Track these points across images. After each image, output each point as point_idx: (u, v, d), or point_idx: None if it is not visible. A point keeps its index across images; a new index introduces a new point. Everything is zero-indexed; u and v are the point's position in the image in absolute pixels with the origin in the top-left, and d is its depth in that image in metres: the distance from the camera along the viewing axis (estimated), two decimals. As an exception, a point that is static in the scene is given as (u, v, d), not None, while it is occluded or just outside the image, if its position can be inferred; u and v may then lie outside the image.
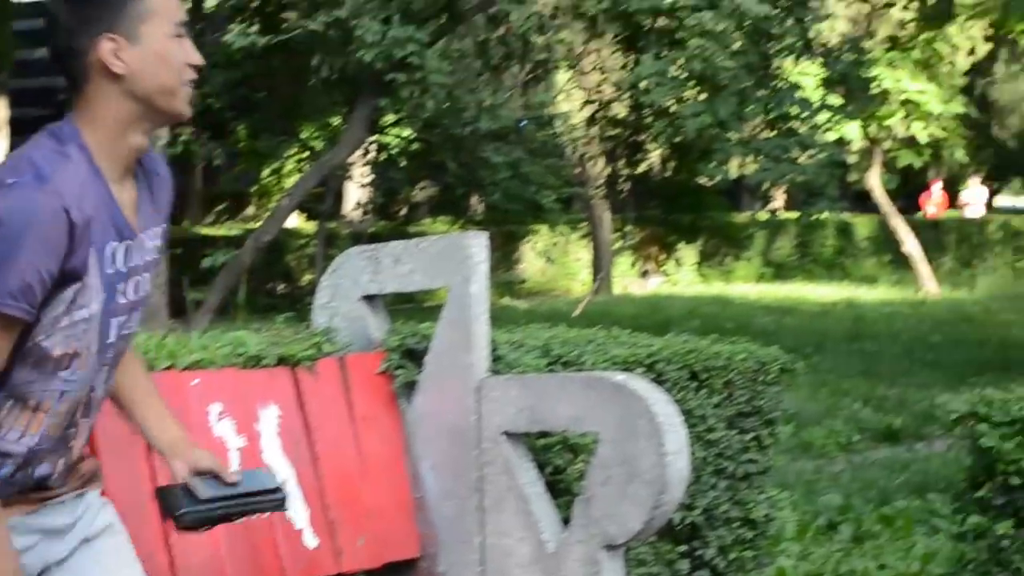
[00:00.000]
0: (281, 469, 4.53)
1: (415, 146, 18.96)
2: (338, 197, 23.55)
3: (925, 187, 35.95)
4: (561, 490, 4.87)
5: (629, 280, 29.66)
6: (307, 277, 22.39)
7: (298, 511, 4.49)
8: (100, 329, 2.95)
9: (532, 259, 28.58)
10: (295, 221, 23.46)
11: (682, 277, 31.20)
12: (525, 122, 16.49)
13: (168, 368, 4.36)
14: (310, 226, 23.28)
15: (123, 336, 3.04)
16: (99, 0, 2.91)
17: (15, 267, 2.72)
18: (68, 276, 2.82)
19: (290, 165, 26.28)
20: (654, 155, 20.62)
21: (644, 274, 30.82)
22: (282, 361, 4.68)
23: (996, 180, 53.62)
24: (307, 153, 20.77)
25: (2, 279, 2.72)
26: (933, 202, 36.25)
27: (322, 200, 19.00)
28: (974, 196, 39.29)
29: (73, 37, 2.90)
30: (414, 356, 4.98)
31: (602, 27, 15.28)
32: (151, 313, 14.00)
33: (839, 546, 7.56)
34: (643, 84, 14.52)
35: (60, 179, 2.79)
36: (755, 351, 5.40)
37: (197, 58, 3.00)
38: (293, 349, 4.73)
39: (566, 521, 4.56)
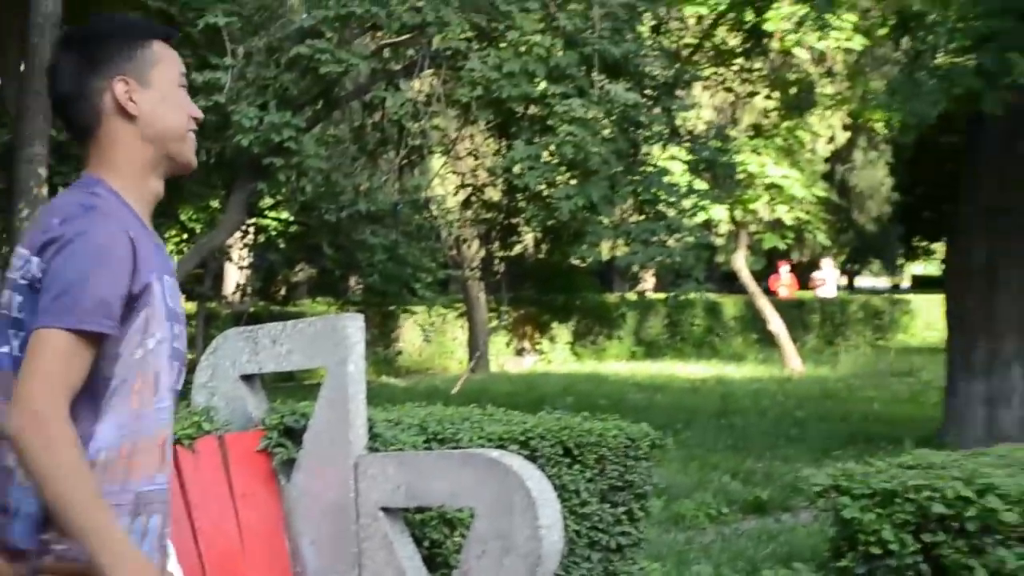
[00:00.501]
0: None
1: (293, 228, 18.92)
2: (218, 278, 23.42)
3: (774, 270, 36.49)
4: (439, 563, 4.87)
5: (505, 358, 29.70)
6: (189, 356, 22.17)
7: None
8: (168, 363, 2.92)
9: (410, 338, 28.52)
10: (176, 300, 23.26)
11: (556, 355, 31.29)
12: (401, 205, 16.48)
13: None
14: (190, 306, 23.02)
15: (175, 389, 3.00)
16: (114, 45, 2.93)
17: (90, 287, 2.70)
18: (137, 298, 2.81)
19: (170, 247, 26.11)
20: (528, 238, 20.69)
21: (520, 352, 30.87)
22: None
23: (856, 262, 54.51)
24: (186, 235, 20.60)
25: (79, 300, 2.69)
26: (782, 283, 36.77)
27: (202, 281, 18.86)
28: (826, 276, 40.15)
29: (83, 81, 2.91)
30: (293, 434, 4.97)
31: (475, 114, 15.33)
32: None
33: (710, 616, 7.59)
34: (516, 169, 14.58)
35: (109, 208, 2.81)
36: (626, 428, 5.44)
37: (197, 111, 3.04)
38: (173, 428, 4.69)
39: (443, 594, 4.55)
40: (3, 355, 2.85)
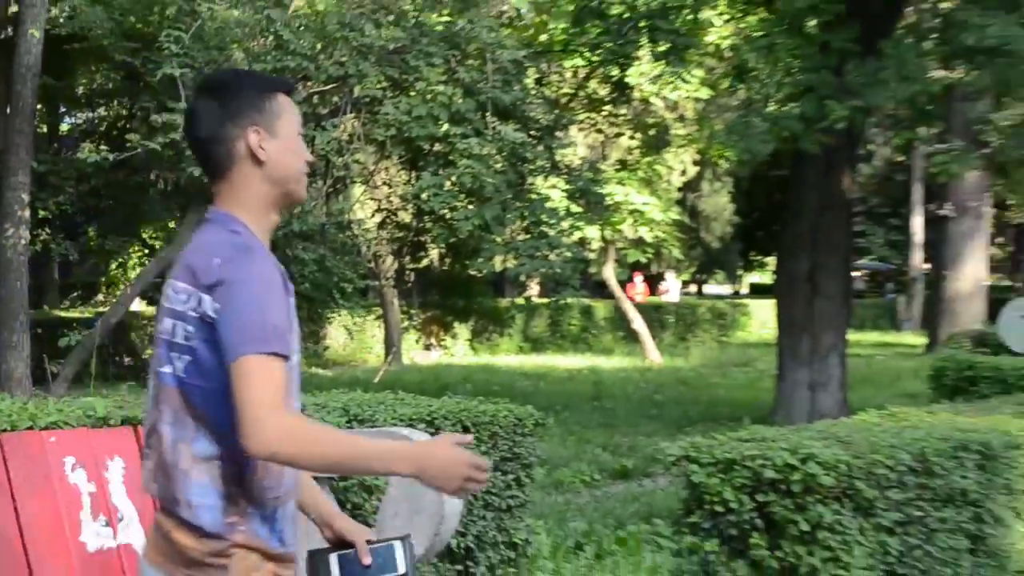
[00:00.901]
0: (127, 510, 4.45)
1: (238, 245, 18.77)
2: (175, 287, 23.15)
3: (630, 280, 36.74)
4: (360, 523, 4.83)
5: (415, 353, 29.62)
6: (148, 352, 21.90)
7: (140, 543, 4.40)
8: (297, 380, 2.90)
9: (336, 336, 28.38)
10: (138, 306, 22.93)
11: (458, 350, 31.26)
12: (328, 226, 16.41)
13: (29, 428, 4.26)
14: (151, 310, 22.80)
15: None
16: (249, 97, 2.89)
17: (269, 318, 2.68)
18: (291, 322, 2.81)
19: (133, 260, 25.84)
20: (433, 253, 20.70)
21: (427, 348, 30.81)
22: (126, 422, 4.61)
23: (704, 273, 55.00)
24: (148, 251, 20.35)
25: (264, 329, 2.66)
26: (636, 291, 37.05)
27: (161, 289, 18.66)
28: (670, 286, 41.02)
29: (221, 127, 2.87)
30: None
31: (389, 150, 15.32)
32: (17, 381, 13.59)
33: (584, 563, 7.59)
34: (424, 195, 14.57)
35: (254, 245, 2.80)
36: (515, 409, 5.45)
37: (310, 155, 3.01)
38: (135, 411, 4.66)
39: (363, 548, 4.52)
40: (166, 374, 2.81)
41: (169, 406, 2.79)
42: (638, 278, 38.00)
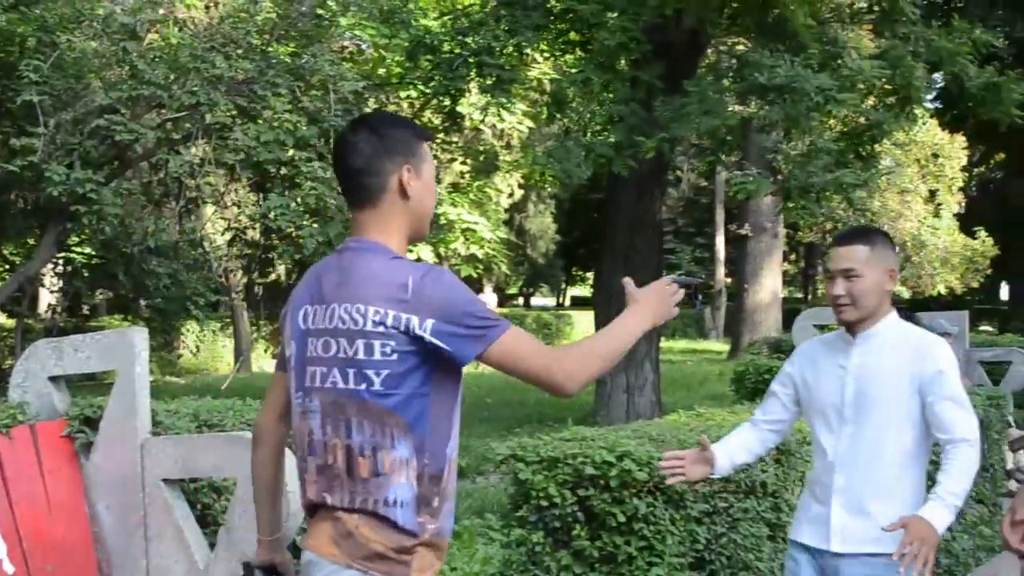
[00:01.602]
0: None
1: (94, 261, 18.30)
2: (33, 300, 22.53)
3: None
4: (209, 522, 4.75)
5: (264, 361, 29.21)
6: (8, 363, 21.20)
7: (-2, 547, 4.26)
8: None
9: (189, 346, 27.88)
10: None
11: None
12: (181, 243, 16.13)
13: None
14: (10, 322, 22.05)
15: None
16: (403, 139, 3.01)
17: (481, 304, 2.86)
18: None
19: (-6, 276, 25.03)
20: (280, 268, 20.40)
21: (275, 356, 30.41)
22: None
23: (530, 286, 55.44)
24: (8, 266, 19.69)
25: (486, 310, 2.85)
26: None
27: (19, 302, 18.06)
28: (487, 299, 41.36)
29: (377, 161, 2.97)
30: (91, 422, 4.84)
31: (239, 173, 15.09)
32: None
33: (421, 555, 7.53)
34: (271, 215, 14.41)
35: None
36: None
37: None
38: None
39: (213, 546, 4.44)
40: (356, 391, 2.85)
41: (359, 417, 2.84)
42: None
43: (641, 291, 3.22)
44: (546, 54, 18.70)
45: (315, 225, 14.65)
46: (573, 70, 15.65)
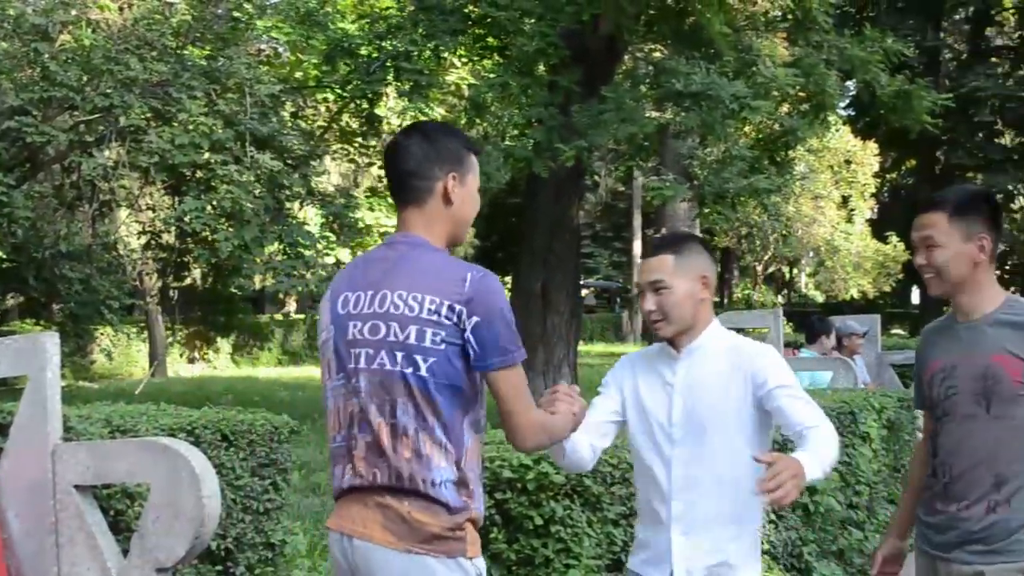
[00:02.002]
0: None
1: (5, 265, 17.99)
2: (-58, 306, 22.06)
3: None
4: (122, 528, 4.68)
5: (179, 366, 28.90)
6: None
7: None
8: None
9: (102, 350, 27.48)
10: None
11: (220, 363, 30.64)
12: (94, 247, 15.91)
13: None
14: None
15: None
16: (452, 149, 3.17)
17: (513, 331, 3.03)
18: None
19: None
20: (196, 272, 20.24)
21: (191, 361, 30.10)
22: None
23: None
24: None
25: (516, 339, 3.03)
26: None
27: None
28: None
29: (427, 166, 3.13)
30: (2, 428, 4.73)
31: (154, 176, 14.94)
32: None
33: (338, 560, 7.50)
34: (186, 218, 14.29)
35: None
36: (271, 418, 5.33)
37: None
38: None
39: (126, 552, 4.38)
40: (408, 374, 2.99)
41: (405, 399, 2.99)
42: None
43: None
44: (464, 59, 18.73)
45: (231, 228, 14.54)
46: (491, 75, 15.70)
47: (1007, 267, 39.17)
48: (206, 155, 14.26)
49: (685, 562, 3.46)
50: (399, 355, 2.99)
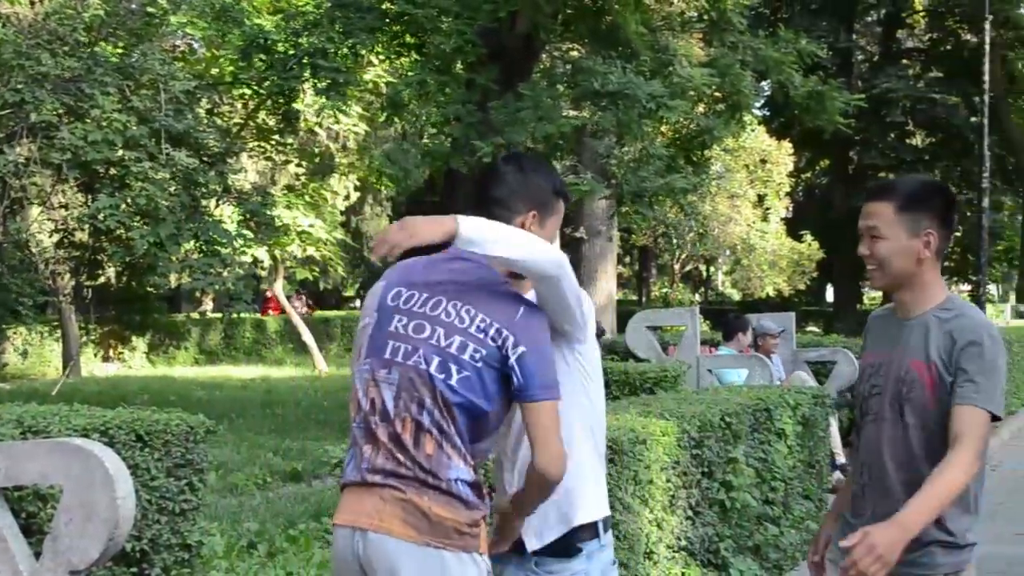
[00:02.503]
0: None
1: (-87, 264, 17.65)
2: None
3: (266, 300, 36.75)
4: (34, 531, 4.60)
5: (94, 365, 28.46)
6: None
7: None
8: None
9: (15, 350, 26.99)
10: None
11: (136, 362, 30.23)
12: (5, 245, 15.61)
13: None
14: None
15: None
16: (543, 188, 3.27)
17: (553, 369, 3.10)
18: None
19: None
20: (110, 270, 19.93)
21: (106, 360, 29.64)
22: None
23: (368, 289, 55.26)
24: None
25: (555, 379, 3.10)
26: (271, 307, 36.94)
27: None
28: (299, 304, 41.03)
29: (513, 198, 3.24)
30: (-92, 431, 4.61)
31: (66, 173, 14.70)
32: None
33: (257, 561, 7.46)
34: (100, 216, 14.09)
35: None
36: (187, 418, 5.27)
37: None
38: None
39: (39, 555, 4.31)
40: (440, 379, 3.04)
41: (432, 400, 3.04)
42: (270, 294, 37.81)
43: None
44: (382, 56, 18.67)
45: (146, 226, 14.36)
46: (409, 73, 15.67)
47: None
48: (120, 152, 14.08)
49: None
50: (436, 359, 3.05)
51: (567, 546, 3.28)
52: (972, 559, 3.42)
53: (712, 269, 57.75)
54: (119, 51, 15.76)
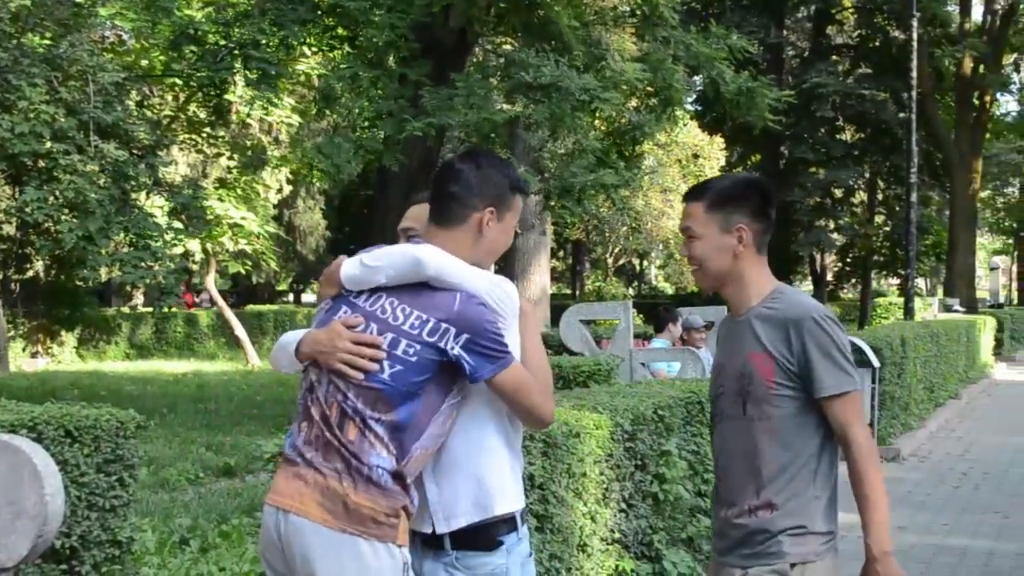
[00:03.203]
0: None
1: None
2: None
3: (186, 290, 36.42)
4: (-40, 530, 4.50)
5: (22, 360, 28.00)
6: None
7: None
8: None
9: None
10: None
11: (65, 357, 29.80)
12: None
13: None
14: None
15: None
16: (498, 184, 3.30)
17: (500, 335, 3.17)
18: None
19: None
20: (39, 264, 19.67)
21: (34, 355, 29.20)
22: None
23: (300, 283, 54.88)
24: None
25: (504, 344, 3.16)
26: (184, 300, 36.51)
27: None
28: (204, 298, 40.68)
29: (469, 193, 3.26)
30: None
31: (-9, 166, 14.50)
32: None
33: (189, 557, 7.41)
34: (28, 209, 13.88)
35: None
36: (117, 413, 5.21)
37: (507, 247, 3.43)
38: None
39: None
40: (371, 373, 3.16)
41: (358, 390, 3.11)
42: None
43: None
44: (314, 49, 18.56)
45: (75, 219, 14.18)
46: (342, 66, 15.59)
47: (848, 260, 40.34)
48: (48, 144, 13.89)
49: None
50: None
51: (488, 539, 3.27)
52: (831, 549, 3.40)
53: (645, 263, 58.09)
54: (46, 42, 15.52)
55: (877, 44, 38.34)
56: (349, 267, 3.27)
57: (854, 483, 3.29)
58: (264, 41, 14.88)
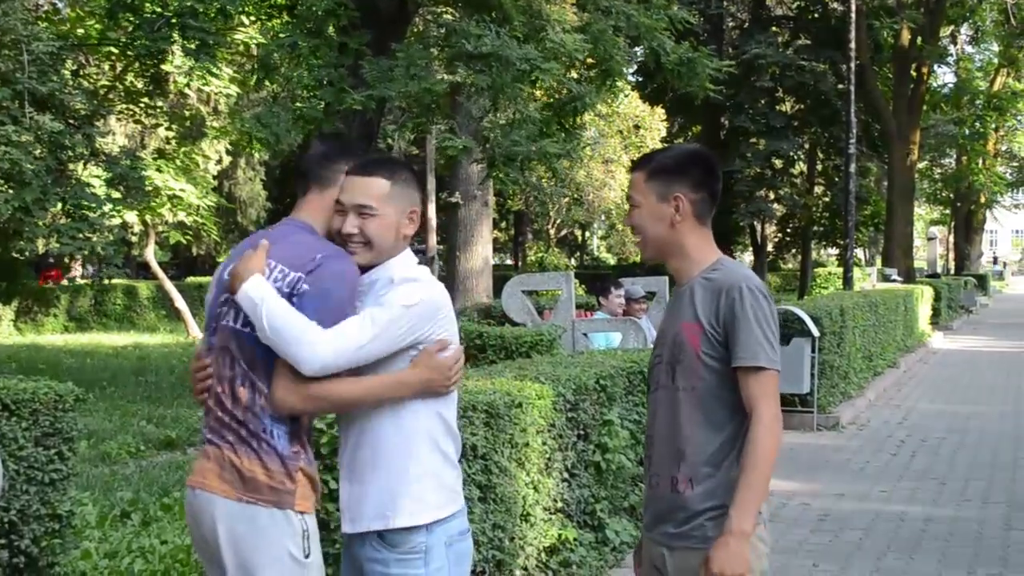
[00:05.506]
0: None
1: None
2: None
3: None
4: None
5: (-41, 336, 27.64)
6: None
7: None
8: None
9: None
10: None
11: (2, 330, 29.41)
12: None
13: None
14: None
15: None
16: (324, 163, 3.50)
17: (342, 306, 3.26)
18: None
19: None
20: (-26, 237, 19.37)
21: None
22: None
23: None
24: None
25: (338, 316, 3.22)
26: (51, 276, 35.15)
27: None
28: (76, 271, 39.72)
29: (308, 168, 3.50)
30: None
31: (-75, 137, 14.23)
32: None
33: (131, 530, 7.37)
34: (-37, 180, 13.69)
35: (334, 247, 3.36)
36: (55, 386, 5.15)
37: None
38: None
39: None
40: (242, 331, 3.25)
41: (239, 354, 3.24)
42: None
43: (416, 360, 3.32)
44: (252, 18, 18.36)
45: (11, 191, 13.97)
46: (280, 35, 15.43)
47: (788, 230, 40.63)
48: (-19, 115, 13.67)
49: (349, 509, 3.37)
50: (241, 315, 3.23)
51: (392, 540, 3.25)
52: (760, 521, 3.31)
53: (587, 234, 58.25)
54: (-21, 11, 15.25)
55: (816, 15, 38.49)
56: (253, 288, 3.22)
57: (744, 454, 3.23)
58: (202, 10, 14.69)
